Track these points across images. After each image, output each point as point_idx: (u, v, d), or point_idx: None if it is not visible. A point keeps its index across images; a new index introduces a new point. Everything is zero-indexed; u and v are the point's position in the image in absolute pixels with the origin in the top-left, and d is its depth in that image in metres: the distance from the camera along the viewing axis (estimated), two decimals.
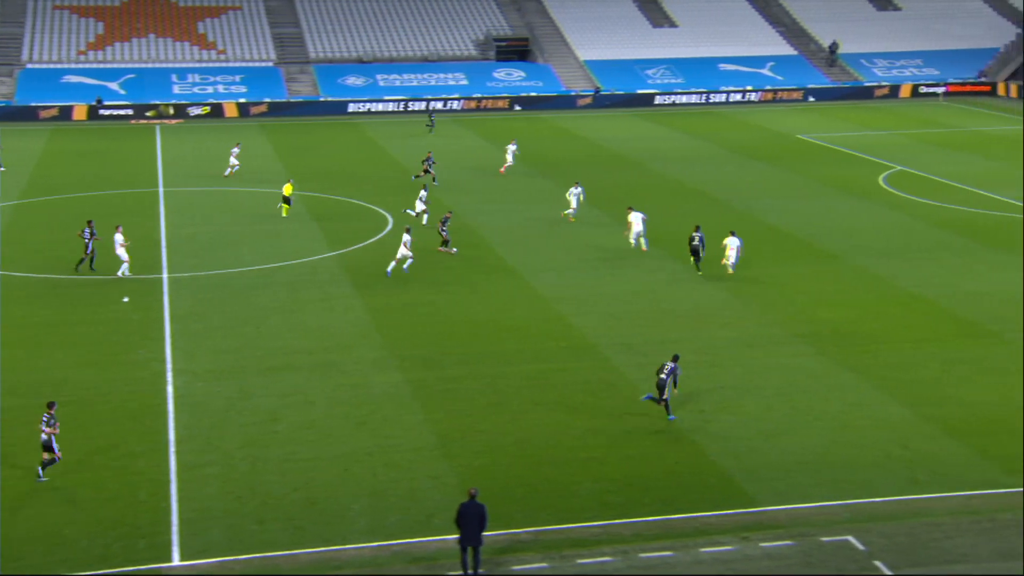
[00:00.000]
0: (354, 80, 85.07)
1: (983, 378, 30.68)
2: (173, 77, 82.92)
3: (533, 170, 58.84)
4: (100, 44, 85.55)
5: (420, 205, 46.99)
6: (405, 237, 39.82)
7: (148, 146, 67.64)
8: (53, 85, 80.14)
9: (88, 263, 40.10)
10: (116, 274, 39.31)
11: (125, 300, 36.85)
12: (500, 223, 47.73)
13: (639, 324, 34.95)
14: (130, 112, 77.78)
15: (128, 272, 39.40)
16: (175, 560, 21.50)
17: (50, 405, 24.82)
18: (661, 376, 27.53)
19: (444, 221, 42.92)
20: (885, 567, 21.15)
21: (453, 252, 42.40)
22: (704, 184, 56.15)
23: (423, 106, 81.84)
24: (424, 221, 46.20)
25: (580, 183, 49.14)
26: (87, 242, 40.06)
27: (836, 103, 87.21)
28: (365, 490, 24.26)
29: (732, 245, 39.94)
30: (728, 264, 39.86)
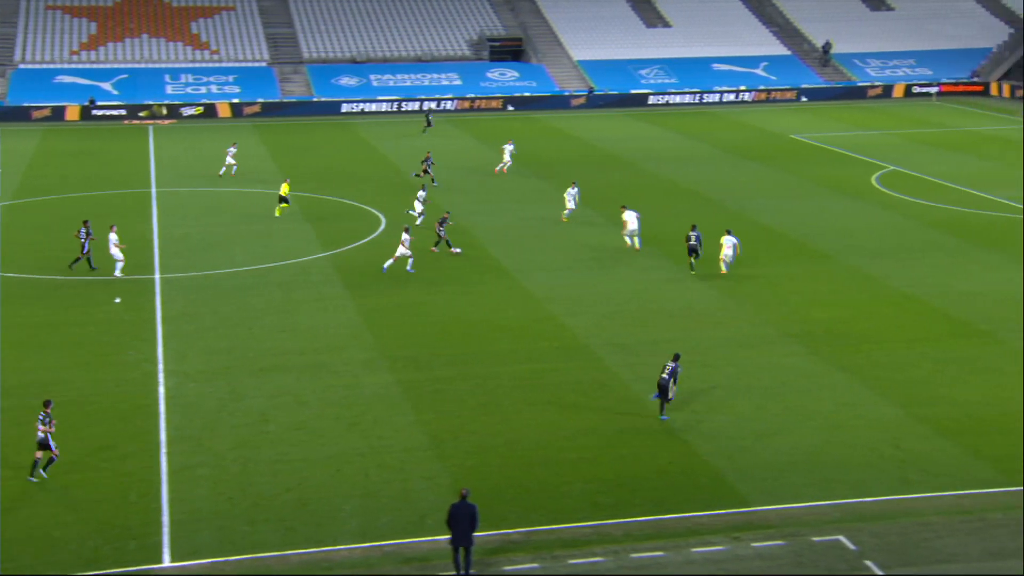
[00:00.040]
0: (347, 80, 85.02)
1: (975, 378, 30.71)
2: (166, 77, 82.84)
3: (526, 170, 58.81)
4: (93, 44, 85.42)
5: (419, 206, 47.01)
6: (404, 236, 39.89)
7: (141, 146, 67.53)
8: (46, 85, 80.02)
9: (86, 262, 40.09)
10: (114, 274, 39.30)
11: (117, 301, 36.78)
12: (493, 223, 47.70)
13: (631, 324, 34.95)
14: (123, 112, 77.70)
15: (119, 273, 39.35)
16: (166, 561, 21.45)
17: (46, 403, 24.79)
18: (663, 376, 27.57)
19: (442, 222, 42.90)
20: (876, 567, 21.15)
21: (457, 252, 42.32)
22: (697, 184, 56.17)
23: (417, 106, 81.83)
24: (418, 221, 46.13)
25: (577, 183, 49.14)
26: (83, 242, 40.03)
27: (829, 103, 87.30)
28: (357, 491, 24.23)
29: (728, 244, 40.04)
30: (724, 262, 39.91)
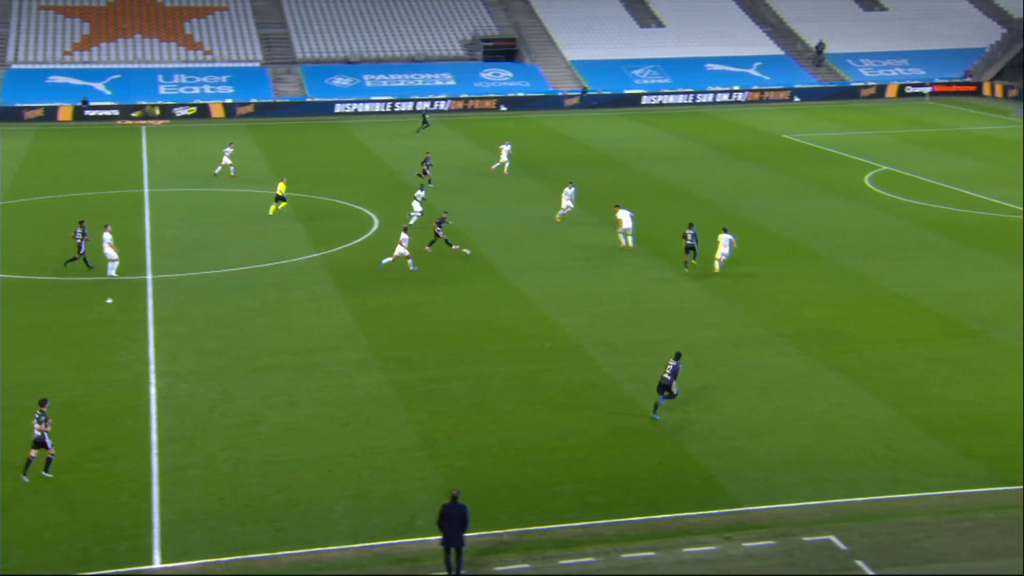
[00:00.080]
0: (341, 80, 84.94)
1: (967, 378, 30.77)
2: (159, 77, 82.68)
3: (520, 170, 58.75)
4: (86, 44, 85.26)
5: (416, 205, 47.06)
6: (402, 237, 39.94)
7: (134, 147, 67.40)
8: (38, 85, 79.83)
9: (83, 262, 40.10)
10: (107, 274, 39.29)
11: (109, 302, 36.71)
12: (486, 223, 47.66)
13: (624, 324, 34.95)
14: (116, 113, 77.50)
15: (113, 273, 39.32)
16: (156, 563, 21.42)
17: (42, 402, 24.79)
18: (665, 376, 27.62)
19: (440, 222, 42.90)
20: (866, 567, 21.18)
21: (465, 252, 42.27)
22: (691, 184, 56.19)
23: (410, 106, 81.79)
24: (412, 220, 46.15)
25: (574, 183, 49.15)
26: (79, 243, 40.06)
27: (823, 103, 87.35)
28: (348, 491, 24.21)
29: (724, 242, 40.29)
30: (719, 260, 40.13)
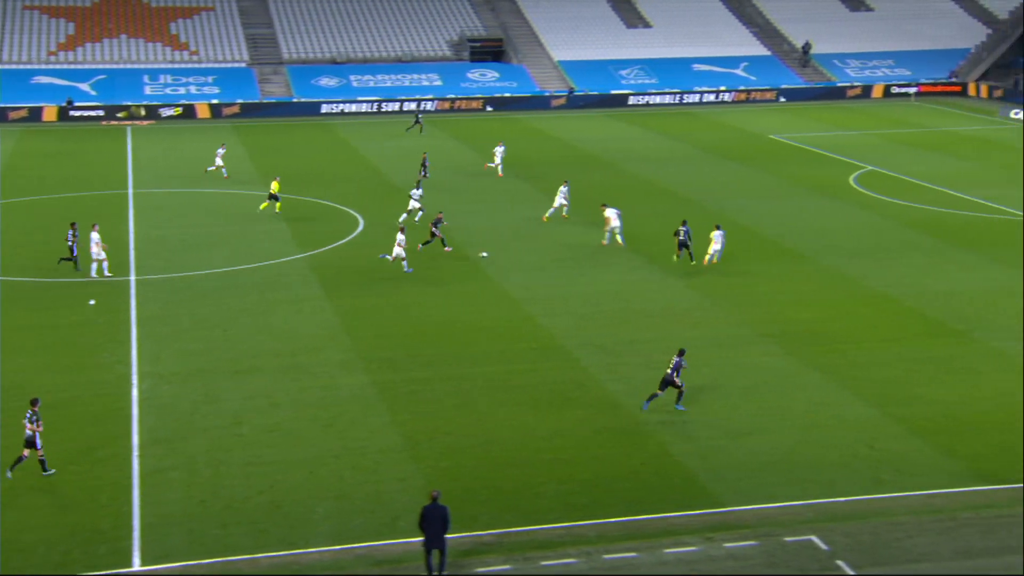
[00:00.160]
0: (327, 81, 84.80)
1: (950, 377, 30.82)
2: (145, 78, 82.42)
3: (506, 171, 58.65)
4: (71, 44, 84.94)
5: (414, 204, 47.13)
6: (399, 237, 39.97)
7: (119, 147, 67.14)
8: (23, 86, 79.50)
9: (74, 265, 40.01)
10: (105, 275, 39.24)
11: (92, 303, 36.55)
12: (472, 223, 47.57)
13: (609, 324, 34.92)
14: (101, 113, 77.25)
15: (102, 272, 39.22)
16: (135, 565, 21.31)
17: (33, 402, 24.73)
18: (668, 371, 27.75)
19: (436, 223, 42.86)
20: (847, 567, 21.19)
21: (483, 256, 42.33)
22: (677, 184, 56.21)
23: (397, 107, 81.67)
24: (401, 218, 46.22)
25: (568, 182, 49.12)
26: (70, 245, 40.00)
27: (809, 103, 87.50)
28: (330, 493, 24.13)
29: (717, 239, 40.80)
30: (712, 256, 40.61)
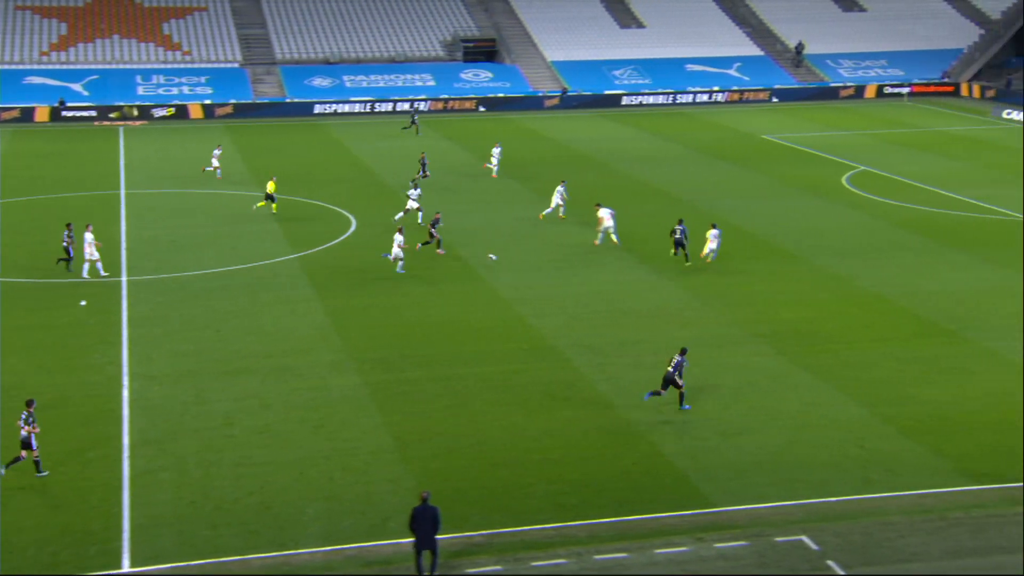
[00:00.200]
0: (320, 81, 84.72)
1: (941, 377, 30.87)
2: (137, 78, 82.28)
3: (500, 171, 58.64)
4: (63, 45, 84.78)
5: (412, 204, 47.14)
6: (398, 238, 39.96)
7: (111, 148, 67.03)
8: (15, 86, 79.28)
9: (66, 265, 40.04)
10: (101, 275, 39.23)
11: (82, 304, 36.49)
12: (464, 224, 47.55)
13: (600, 324, 34.93)
14: (93, 113, 77.11)
15: (96, 272, 39.22)
16: (125, 567, 21.27)
17: (29, 403, 24.71)
18: (669, 370, 27.76)
19: (434, 223, 42.87)
20: (838, 567, 21.21)
21: (492, 258, 42.25)
22: (670, 184, 56.24)
23: (390, 107, 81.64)
24: (397, 217, 46.29)
25: (565, 181, 49.13)
26: (66, 245, 40.02)
27: (802, 103, 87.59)
28: (320, 494, 24.11)
29: (713, 237, 40.95)
30: (708, 255, 40.83)
